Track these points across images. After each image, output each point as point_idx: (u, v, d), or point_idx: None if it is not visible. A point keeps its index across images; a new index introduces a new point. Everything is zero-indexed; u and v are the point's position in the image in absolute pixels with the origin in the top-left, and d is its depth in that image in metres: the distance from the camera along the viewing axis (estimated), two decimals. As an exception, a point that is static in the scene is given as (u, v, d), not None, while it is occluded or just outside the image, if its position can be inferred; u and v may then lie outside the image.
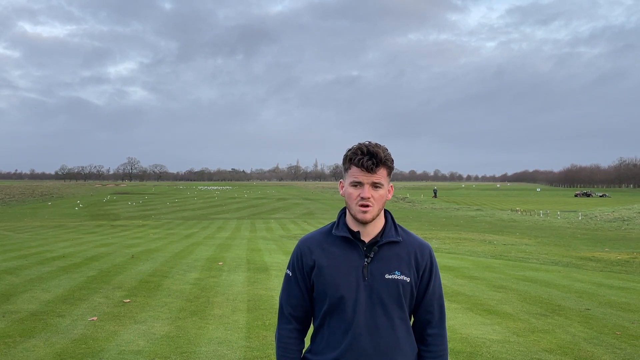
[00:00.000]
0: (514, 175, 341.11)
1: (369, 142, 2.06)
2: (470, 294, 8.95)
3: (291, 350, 2.14)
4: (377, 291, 2.03)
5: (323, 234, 2.17)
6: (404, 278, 2.05)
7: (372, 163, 2.00)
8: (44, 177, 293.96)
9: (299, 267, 2.15)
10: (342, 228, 2.12)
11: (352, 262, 2.06)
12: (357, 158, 2.01)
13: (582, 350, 5.72)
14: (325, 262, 2.08)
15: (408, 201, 73.98)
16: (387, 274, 2.04)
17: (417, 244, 2.13)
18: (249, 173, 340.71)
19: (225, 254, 14.70)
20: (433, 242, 21.99)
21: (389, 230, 2.11)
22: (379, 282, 2.03)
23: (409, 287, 2.06)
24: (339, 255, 2.08)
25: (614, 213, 46.38)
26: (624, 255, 17.81)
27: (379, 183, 2.03)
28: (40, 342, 5.73)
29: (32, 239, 22.04)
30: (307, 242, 2.17)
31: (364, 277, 2.04)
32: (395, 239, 2.09)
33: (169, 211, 55.35)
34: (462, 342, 5.98)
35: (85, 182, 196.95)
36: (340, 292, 2.03)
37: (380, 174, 2.03)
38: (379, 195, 2.03)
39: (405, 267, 2.06)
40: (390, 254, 2.07)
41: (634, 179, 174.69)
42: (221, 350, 5.57)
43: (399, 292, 2.03)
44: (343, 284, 2.04)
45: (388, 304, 2.03)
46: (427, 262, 2.11)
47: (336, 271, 2.06)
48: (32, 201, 73.61)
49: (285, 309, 2.18)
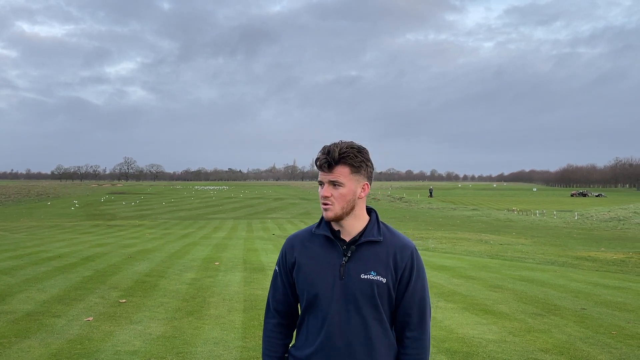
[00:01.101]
0: (510, 175, 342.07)
1: (340, 141, 2.06)
2: (466, 293, 8.95)
3: (275, 344, 2.19)
4: (351, 290, 2.02)
5: (308, 232, 2.19)
6: (379, 278, 2.02)
7: (326, 161, 2.01)
8: (40, 177, 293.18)
9: (283, 263, 2.19)
10: (323, 227, 2.13)
11: (331, 260, 2.07)
12: (316, 158, 2.05)
13: (578, 349, 5.73)
14: (304, 259, 2.11)
15: (405, 201, 74.04)
16: (363, 274, 2.02)
17: (399, 245, 2.08)
18: (245, 173, 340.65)
19: (222, 254, 14.68)
20: (429, 241, 22.01)
21: (370, 229, 2.09)
22: (354, 281, 2.02)
23: (385, 287, 2.02)
24: (319, 253, 2.10)
25: (610, 213, 46.51)
26: (619, 255, 17.86)
27: (337, 181, 2.02)
28: (36, 343, 5.71)
29: (27, 239, 21.96)
30: (292, 240, 2.20)
31: (340, 276, 2.03)
32: (376, 238, 2.06)
33: (165, 211, 55.24)
34: (459, 342, 5.98)
35: (82, 182, 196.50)
36: (315, 289, 2.05)
37: (339, 172, 2.02)
38: (339, 193, 2.03)
39: (382, 268, 2.03)
40: (369, 254, 2.05)
41: (630, 178, 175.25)
42: (217, 350, 5.56)
43: (374, 292, 2.01)
44: (319, 281, 2.05)
45: (362, 303, 2.01)
46: (407, 263, 2.05)
47: (314, 269, 2.08)
48: (27, 201, 73.36)
49: (271, 304, 2.22)
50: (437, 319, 7.03)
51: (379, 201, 72.36)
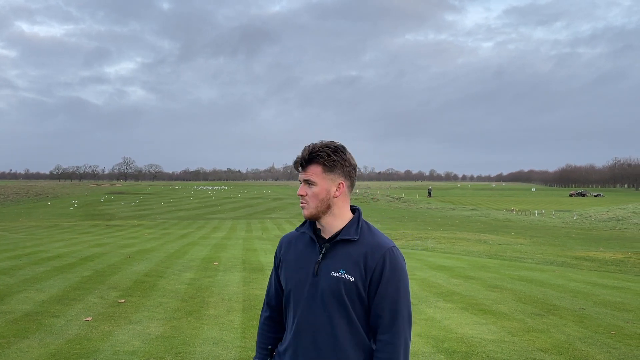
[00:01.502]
0: (509, 175, 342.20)
1: (320, 141, 2.09)
2: (465, 293, 8.96)
3: (265, 336, 2.28)
4: (321, 287, 2.04)
5: (297, 230, 2.25)
6: (347, 277, 2.02)
7: (297, 161, 2.08)
8: (39, 177, 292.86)
9: (275, 260, 2.29)
10: (306, 226, 2.19)
11: (308, 258, 2.11)
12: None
13: (576, 349, 5.73)
14: (288, 257, 2.19)
15: (404, 201, 74.04)
16: (333, 272, 2.04)
17: (373, 244, 2.05)
18: (244, 173, 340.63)
19: (221, 254, 14.67)
20: (428, 241, 22.01)
21: (347, 228, 2.10)
22: (325, 279, 2.05)
23: (353, 286, 2.01)
24: (301, 251, 2.15)
25: (609, 213, 46.56)
26: (618, 255, 17.87)
27: (310, 180, 2.07)
28: (35, 343, 5.70)
29: (26, 239, 21.93)
30: (283, 238, 2.30)
31: (314, 273, 2.07)
32: (351, 237, 2.06)
33: (164, 211, 55.19)
34: (458, 341, 5.99)
35: (80, 182, 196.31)
36: (289, 286, 2.13)
37: (311, 171, 2.06)
38: (312, 192, 2.07)
39: (351, 266, 2.03)
40: (342, 252, 2.06)
41: (629, 178, 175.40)
42: (216, 350, 5.56)
43: (340, 290, 2.01)
44: (294, 278, 2.11)
45: (328, 301, 2.03)
46: (378, 264, 2.01)
47: (292, 266, 2.15)
48: (26, 201, 73.27)
49: (266, 298, 2.33)
50: (436, 319, 7.04)
51: (378, 201, 72.36)
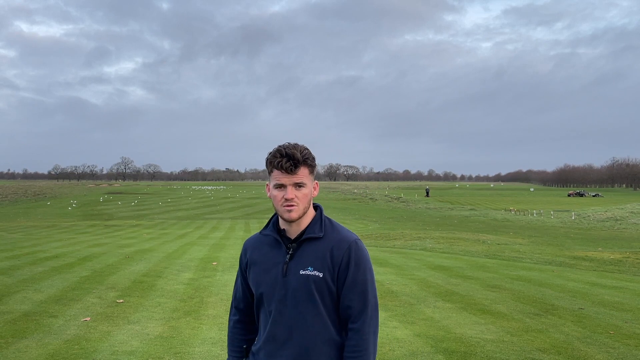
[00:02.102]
0: (507, 175, 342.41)
1: (287, 143, 2.10)
2: (464, 293, 8.96)
3: (236, 339, 2.31)
4: (292, 287, 2.08)
5: (260, 233, 2.27)
6: (316, 273, 2.07)
7: (291, 164, 2.06)
8: (37, 177, 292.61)
9: (240, 264, 2.30)
10: (270, 228, 2.21)
11: (276, 259, 2.15)
12: (276, 161, 2.07)
13: (575, 349, 5.74)
14: (254, 260, 2.21)
15: (402, 201, 74.05)
16: (302, 270, 2.09)
17: (337, 239, 2.12)
18: (243, 173, 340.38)
19: (220, 254, 14.66)
20: (427, 241, 22.01)
21: (312, 226, 2.15)
22: (294, 278, 2.09)
23: (323, 282, 2.07)
24: (267, 253, 2.18)
25: (607, 213, 46.60)
26: (617, 254, 17.89)
27: (301, 183, 2.08)
28: (33, 343, 5.69)
29: (24, 239, 21.89)
30: (247, 241, 2.31)
31: (283, 274, 2.10)
32: (316, 235, 2.12)
33: (162, 211, 55.14)
34: (456, 341, 5.99)
35: (79, 182, 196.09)
36: (260, 288, 2.15)
37: (302, 173, 2.08)
38: (302, 194, 2.09)
39: (319, 263, 2.09)
40: (308, 250, 2.11)
41: (627, 178, 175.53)
42: (215, 350, 5.56)
43: (311, 287, 2.07)
44: (264, 281, 2.14)
45: (301, 300, 2.08)
46: (343, 256, 2.09)
47: (260, 269, 2.17)
48: (24, 201, 73.15)
49: (234, 302, 2.35)
50: (435, 319, 7.04)
51: (377, 201, 72.36)
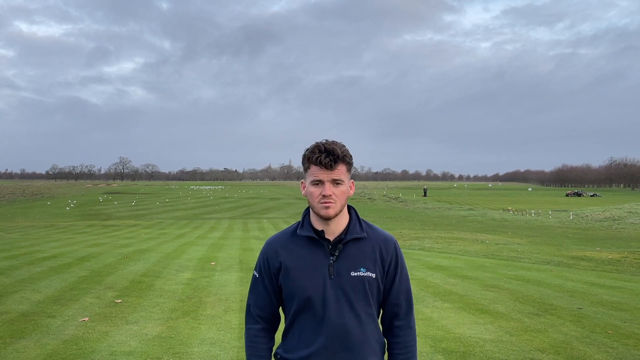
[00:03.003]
0: (505, 175, 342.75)
1: (325, 140, 2.07)
2: (462, 293, 8.96)
3: (260, 349, 2.18)
4: (343, 289, 2.05)
5: (288, 234, 2.18)
6: (369, 274, 2.08)
7: (330, 160, 2.02)
8: (35, 177, 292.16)
9: (265, 269, 2.17)
10: (306, 228, 2.14)
11: (318, 261, 2.09)
12: (315, 157, 2.03)
13: (574, 349, 5.74)
14: (291, 263, 2.11)
15: (400, 201, 74.06)
16: (353, 271, 2.07)
17: (382, 239, 2.14)
18: (241, 173, 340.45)
19: (218, 254, 14.64)
20: (425, 241, 22.03)
21: (353, 226, 2.13)
22: (345, 279, 2.06)
23: (375, 282, 2.09)
24: (305, 255, 2.10)
25: (605, 212, 46.67)
26: (615, 254, 17.92)
27: (339, 180, 2.05)
28: (31, 343, 5.67)
29: (22, 239, 21.85)
30: (273, 244, 2.18)
31: (330, 276, 2.06)
32: (360, 235, 2.11)
33: (160, 211, 55.07)
34: (455, 341, 5.98)
35: (77, 182, 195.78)
36: (307, 292, 2.06)
37: (340, 170, 2.05)
38: (340, 191, 2.06)
39: (370, 263, 2.09)
40: (355, 251, 2.10)
41: (625, 178, 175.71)
42: (214, 350, 5.54)
43: (365, 288, 2.07)
44: (310, 284, 2.07)
45: (355, 301, 2.06)
46: (392, 257, 2.13)
47: (303, 272, 2.08)
48: (22, 201, 73.01)
49: (253, 310, 2.21)
50: (434, 319, 7.03)
51: (375, 201, 72.36)
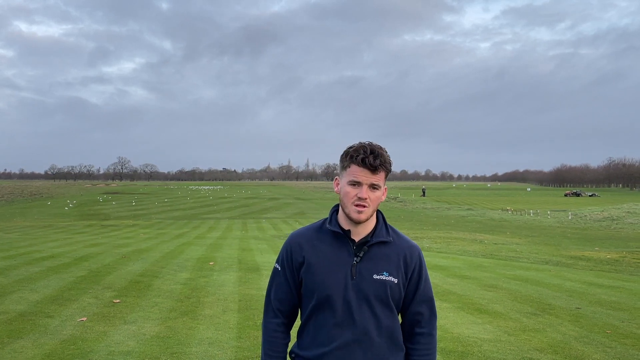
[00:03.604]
0: (504, 175, 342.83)
1: (369, 142, 2.04)
2: (461, 293, 8.96)
3: (277, 344, 2.16)
4: (364, 291, 2.03)
5: (313, 230, 2.16)
6: (392, 279, 2.06)
7: (379, 163, 1.98)
8: (34, 177, 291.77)
9: (288, 262, 2.14)
10: (334, 224, 2.11)
11: (341, 260, 2.06)
12: (360, 157, 1.98)
13: (572, 349, 5.74)
14: (314, 259, 2.08)
15: (399, 201, 74.10)
16: (376, 274, 2.05)
17: (407, 246, 2.14)
18: (240, 173, 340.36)
19: (217, 254, 14.64)
20: (424, 241, 22.04)
21: (379, 230, 2.11)
22: (367, 281, 2.04)
23: (397, 288, 2.07)
24: (329, 253, 2.08)
25: (604, 212, 46.73)
26: (613, 254, 17.94)
27: (377, 184, 2.02)
28: (29, 343, 5.66)
29: (21, 238, 21.84)
30: (297, 237, 2.15)
31: (352, 276, 2.04)
32: (386, 239, 2.09)
33: (159, 211, 55.05)
34: (454, 341, 5.98)
35: (75, 182, 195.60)
36: (328, 290, 2.04)
37: (380, 175, 2.02)
38: (375, 196, 2.03)
39: (393, 268, 2.07)
40: (380, 255, 2.08)
41: (623, 178, 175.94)
42: (212, 350, 5.54)
43: (387, 292, 2.05)
44: (331, 282, 2.04)
45: (375, 303, 2.04)
46: (416, 264, 2.12)
47: (325, 269, 2.06)
48: (21, 201, 72.94)
49: (273, 303, 2.18)
50: (432, 319, 7.03)
51: (374, 201, 72.35)
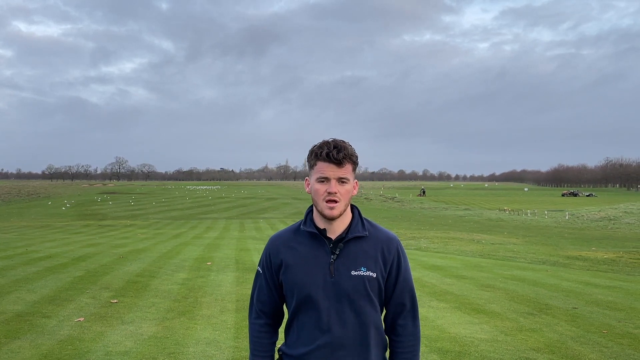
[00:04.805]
0: (502, 175, 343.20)
1: (333, 138, 2.07)
2: (458, 293, 8.98)
3: (263, 343, 2.22)
4: (343, 288, 2.05)
5: (291, 232, 2.19)
6: (370, 274, 2.07)
7: (342, 156, 2.01)
8: (31, 177, 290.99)
9: (267, 265, 2.19)
10: (309, 224, 2.14)
11: (319, 259, 2.09)
12: (324, 152, 2.02)
13: (569, 348, 5.76)
14: (291, 260, 2.11)
15: (397, 201, 74.12)
16: (354, 271, 2.06)
17: (385, 238, 2.14)
18: (237, 173, 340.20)
19: (214, 254, 14.63)
20: (421, 241, 22.07)
21: (355, 225, 2.12)
22: (345, 278, 2.05)
23: (376, 282, 2.08)
24: (306, 253, 2.11)
25: (601, 212, 46.82)
26: (610, 254, 17.98)
27: (345, 178, 2.04)
28: (26, 344, 5.66)
29: (18, 239, 21.78)
30: (275, 240, 2.20)
31: (330, 274, 2.06)
32: (361, 234, 2.10)
33: (157, 211, 54.97)
34: (451, 341, 6.00)
35: (72, 182, 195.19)
36: (306, 290, 2.07)
37: (346, 168, 2.04)
38: (345, 190, 2.05)
39: (372, 263, 2.08)
40: (357, 250, 2.09)
41: (620, 178, 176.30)
42: (209, 350, 5.54)
43: (366, 287, 2.06)
44: (309, 282, 2.07)
45: (355, 299, 2.06)
46: (394, 256, 2.12)
47: (302, 270, 2.09)
48: (18, 201, 72.78)
49: (256, 305, 2.25)
50: (429, 319, 7.04)
51: (371, 201, 72.41)
